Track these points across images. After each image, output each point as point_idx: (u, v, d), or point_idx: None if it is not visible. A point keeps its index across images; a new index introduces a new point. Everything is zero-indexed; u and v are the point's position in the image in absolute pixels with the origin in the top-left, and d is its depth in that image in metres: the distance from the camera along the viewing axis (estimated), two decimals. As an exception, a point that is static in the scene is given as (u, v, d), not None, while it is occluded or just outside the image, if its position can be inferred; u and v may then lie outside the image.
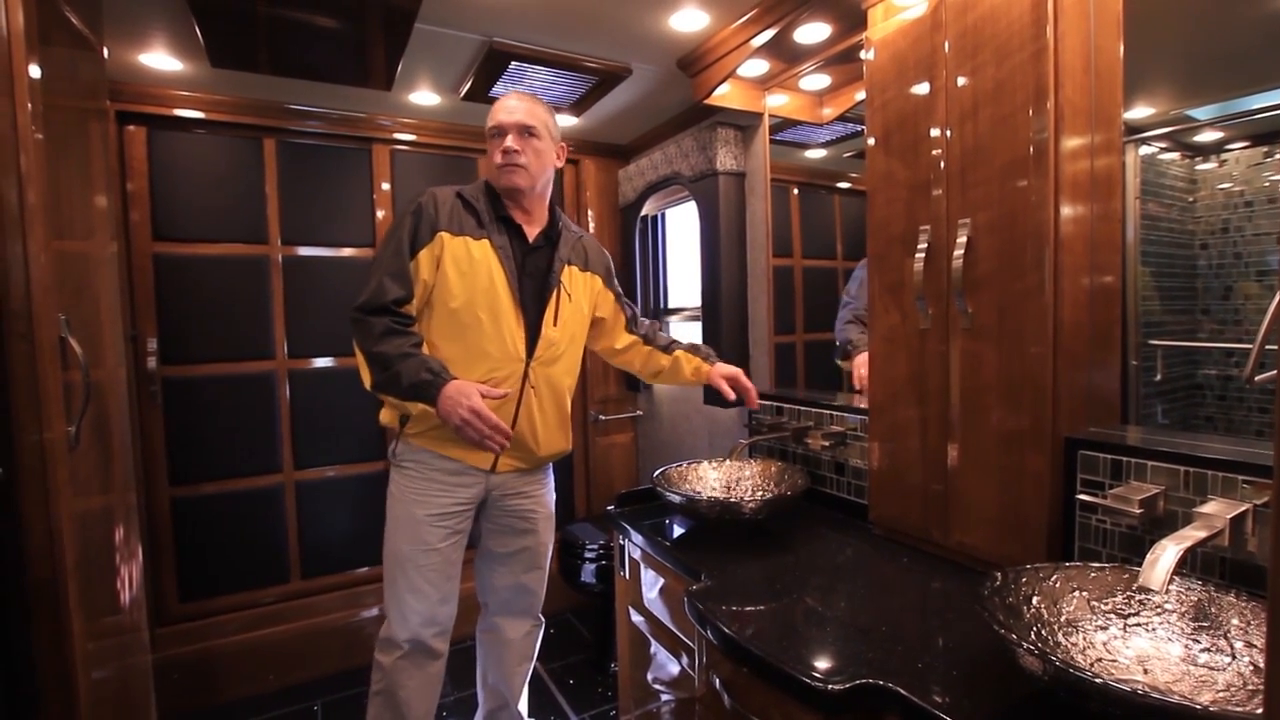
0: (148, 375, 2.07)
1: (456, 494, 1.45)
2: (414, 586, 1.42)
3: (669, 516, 1.56)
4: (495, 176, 1.44)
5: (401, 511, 1.44)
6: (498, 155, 1.42)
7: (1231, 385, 1.15)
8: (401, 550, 1.43)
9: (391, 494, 1.47)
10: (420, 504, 1.43)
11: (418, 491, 1.43)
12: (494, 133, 1.42)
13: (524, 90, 2.09)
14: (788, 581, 1.19)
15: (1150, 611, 0.89)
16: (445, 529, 1.45)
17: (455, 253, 1.37)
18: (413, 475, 1.44)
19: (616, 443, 2.78)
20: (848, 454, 1.57)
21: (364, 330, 1.33)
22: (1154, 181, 1.20)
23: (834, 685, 0.85)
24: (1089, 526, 1.08)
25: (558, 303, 1.47)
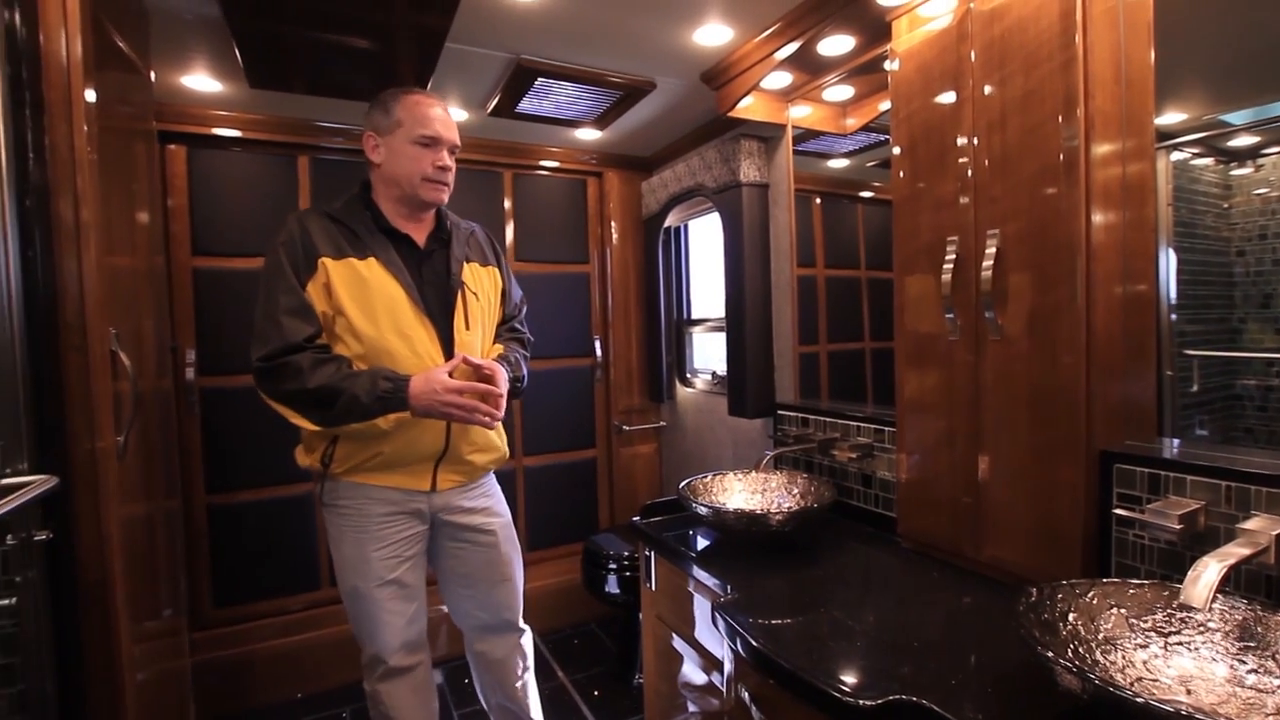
0: (186, 386, 2.13)
1: (400, 526, 1.38)
2: (378, 618, 1.37)
3: (694, 527, 1.56)
4: (415, 186, 1.33)
5: (348, 552, 1.36)
6: (429, 167, 1.32)
7: (1273, 396, 1.12)
8: (357, 588, 1.36)
9: (331, 536, 1.38)
10: (365, 542, 1.35)
11: (358, 529, 1.35)
12: (427, 141, 1.32)
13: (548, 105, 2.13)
14: (816, 595, 1.19)
15: (1192, 630, 0.87)
16: (396, 559, 1.38)
17: (343, 277, 1.27)
18: (349, 514, 1.35)
19: (640, 453, 2.78)
20: (875, 466, 1.55)
21: (284, 373, 1.21)
22: (1187, 188, 1.18)
23: (865, 700, 0.84)
24: (1126, 541, 1.06)
25: (465, 304, 1.40)
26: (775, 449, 1.69)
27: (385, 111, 1.32)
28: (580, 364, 2.73)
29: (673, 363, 2.72)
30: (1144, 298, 1.14)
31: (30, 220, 0.93)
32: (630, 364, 2.79)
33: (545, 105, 2.15)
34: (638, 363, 2.80)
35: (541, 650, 2.46)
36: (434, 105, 1.34)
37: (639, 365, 2.80)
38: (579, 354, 2.72)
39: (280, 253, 1.27)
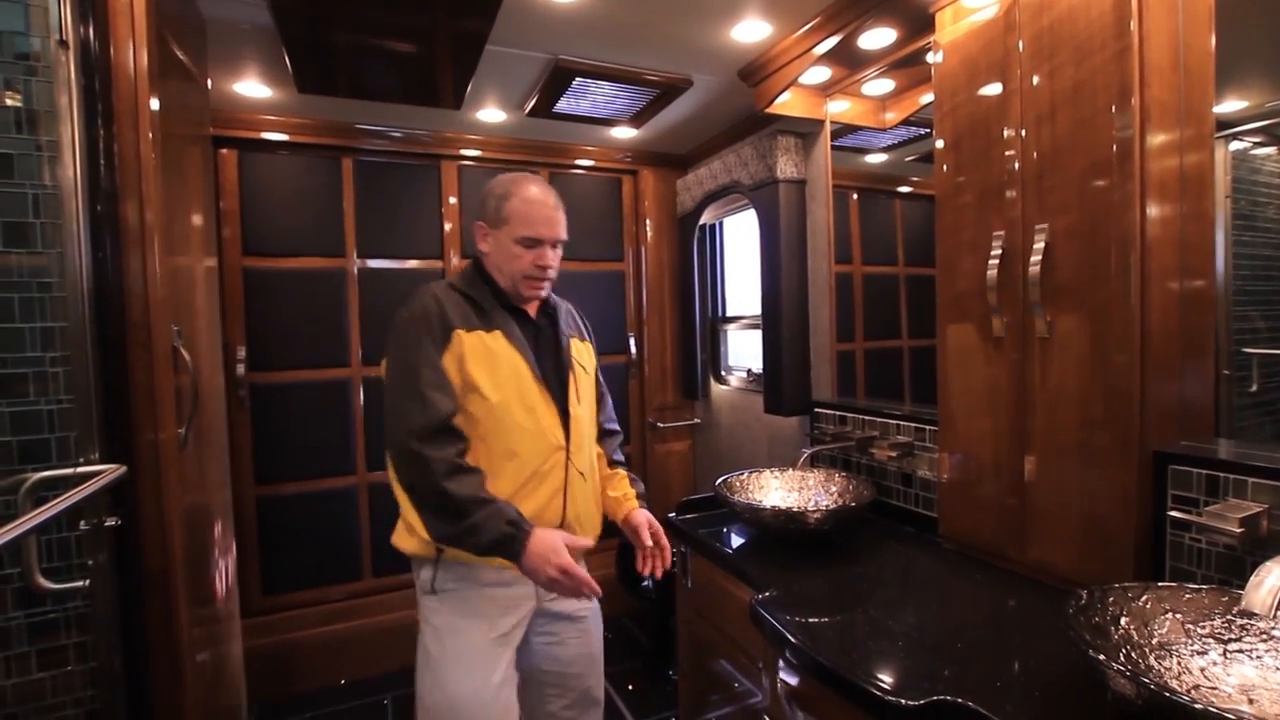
0: (236, 381, 2.22)
1: (516, 608, 1.26)
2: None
3: (730, 524, 1.56)
4: (516, 281, 1.28)
5: (457, 644, 1.19)
6: (529, 264, 1.27)
7: None
8: (460, 694, 1.18)
9: (435, 629, 1.21)
10: (480, 629, 1.21)
11: (472, 613, 1.21)
12: (530, 242, 1.26)
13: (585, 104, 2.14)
14: (855, 594, 1.18)
15: (1255, 637, 0.83)
16: (507, 660, 1.24)
17: (474, 349, 1.22)
18: (463, 597, 1.22)
19: (674, 450, 2.79)
20: (915, 465, 1.53)
21: (423, 466, 1.11)
22: (1247, 179, 1.14)
23: (908, 700, 0.83)
24: (1182, 545, 1.02)
25: (575, 379, 1.35)
26: (813, 446, 1.68)
27: (495, 206, 1.28)
28: (615, 361, 2.75)
29: (707, 360, 2.72)
30: (1202, 294, 1.10)
31: (100, 223, 0.99)
32: (665, 361, 2.79)
33: (582, 105, 2.17)
34: (672, 360, 2.80)
35: (576, 645, 2.48)
36: (542, 205, 1.28)
37: (673, 362, 2.80)
38: (614, 351, 2.74)
39: (417, 326, 1.21)
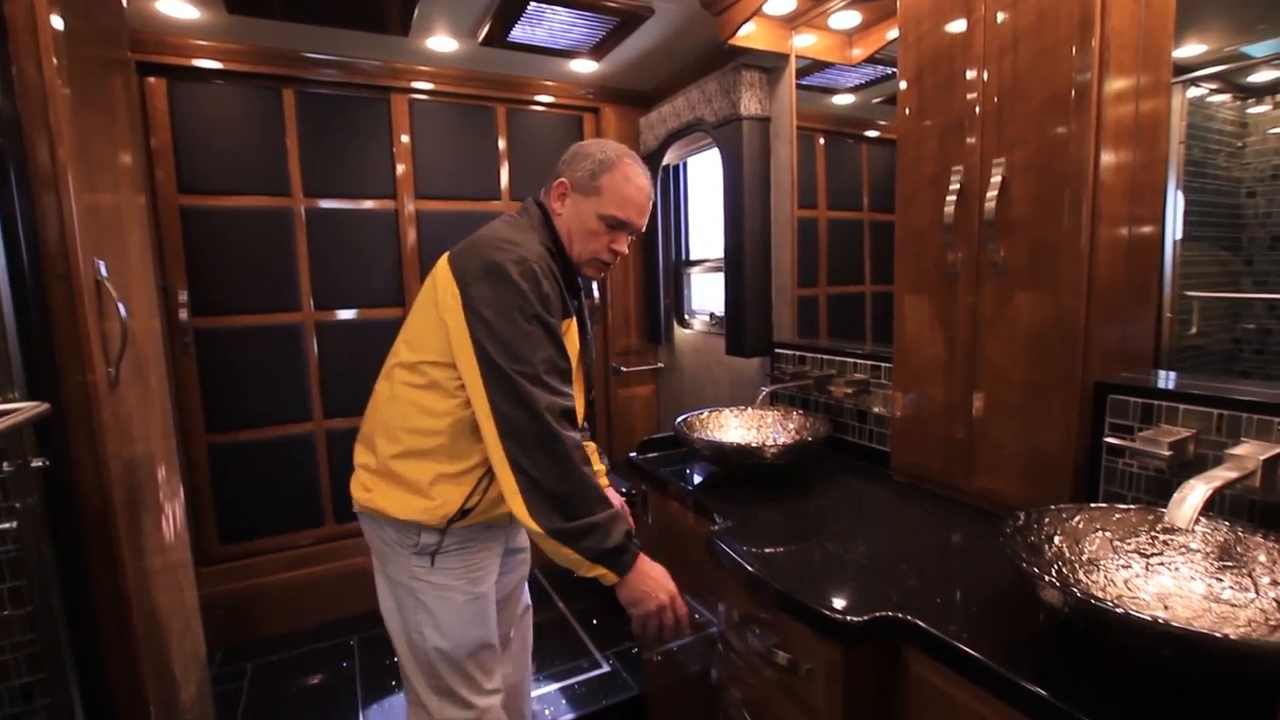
0: (180, 326, 2.12)
1: (499, 558, 1.26)
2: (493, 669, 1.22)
3: (691, 463, 1.58)
4: (582, 259, 1.18)
5: (456, 599, 1.16)
6: (604, 247, 1.17)
7: (1271, 339, 1.12)
8: (469, 643, 1.17)
9: (433, 585, 1.15)
10: (480, 584, 1.19)
11: (473, 568, 1.18)
12: (616, 224, 1.16)
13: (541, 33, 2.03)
14: (809, 525, 1.21)
15: (1174, 552, 0.88)
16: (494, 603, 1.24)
17: (568, 339, 1.14)
18: (462, 558, 1.17)
19: (637, 395, 2.80)
20: (870, 401, 1.56)
21: (561, 449, 1.01)
22: (1201, 125, 1.15)
23: (853, 618, 0.87)
24: (1115, 471, 1.07)
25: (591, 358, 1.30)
26: (772, 385, 1.70)
27: (591, 172, 1.15)
28: (577, 306, 2.72)
29: (671, 304, 2.70)
30: (1149, 241, 1.12)
31: (4, 158, 0.90)
32: (628, 305, 2.77)
33: (539, 33, 2.06)
34: (635, 304, 2.78)
35: (541, 583, 2.53)
36: (641, 190, 1.18)
37: (637, 306, 2.78)
38: (576, 296, 2.71)
39: (541, 296, 1.05)
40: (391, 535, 1.15)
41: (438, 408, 1.10)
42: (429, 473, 1.11)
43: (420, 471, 1.12)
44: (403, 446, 1.12)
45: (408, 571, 1.15)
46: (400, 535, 1.14)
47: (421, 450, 1.11)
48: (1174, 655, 0.66)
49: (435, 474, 1.11)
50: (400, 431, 1.12)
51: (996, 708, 0.76)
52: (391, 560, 1.17)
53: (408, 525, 1.13)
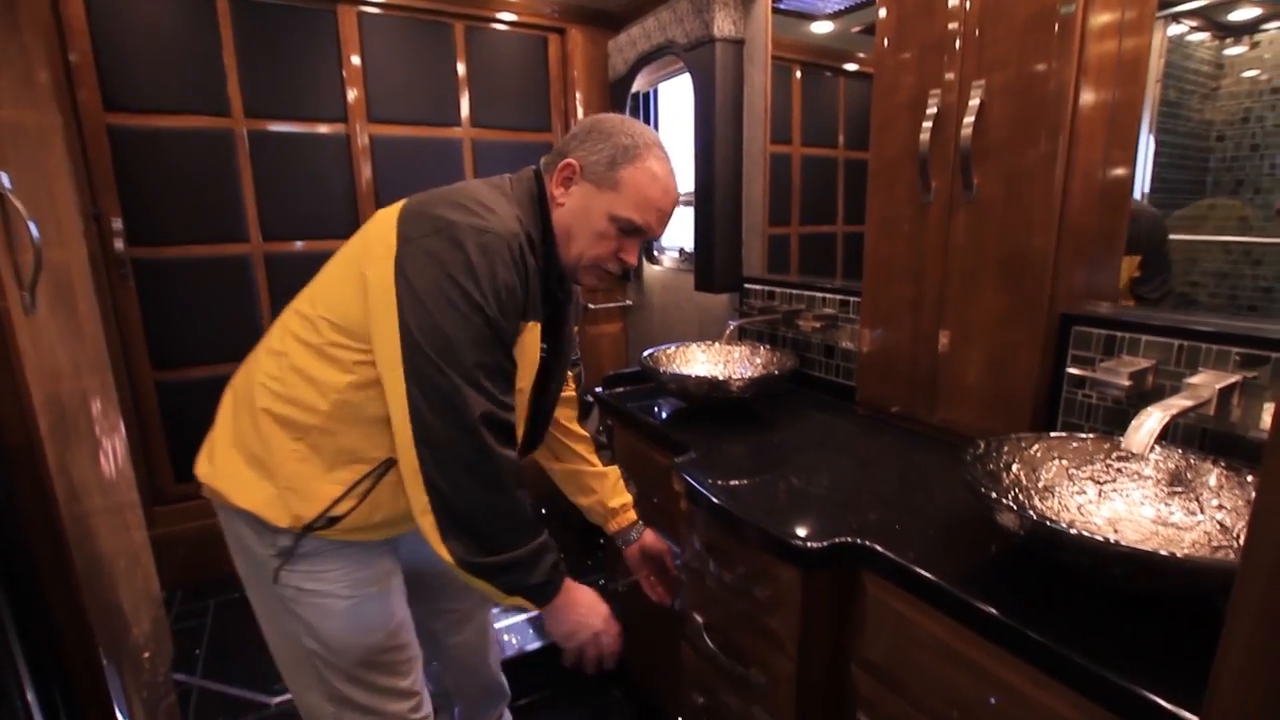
0: (116, 257, 1.99)
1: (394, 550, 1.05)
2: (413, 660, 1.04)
3: (657, 399, 1.56)
4: (577, 263, 0.97)
5: (336, 605, 0.94)
6: (611, 254, 0.96)
7: (1226, 282, 1.12)
8: (357, 648, 0.96)
9: (303, 591, 0.93)
10: (371, 578, 0.98)
11: (356, 570, 0.96)
12: (630, 229, 0.95)
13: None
14: (773, 457, 1.21)
15: (1127, 479, 0.90)
16: (398, 580, 1.04)
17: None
18: (339, 556, 0.94)
19: (605, 332, 2.76)
20: (838, 336, 1.55)
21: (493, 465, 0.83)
22: (1179, 65, 1.11)
23: (813, 544, 0.87)
24: (1075, 402, 1.08)
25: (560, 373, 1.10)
26: (740, 319, 1.67)
27: (610, 159, 0.94)
28: (543, 241, 2.63)
29: (639, 241, 2.63)
30: (1121, 186, 1.09)
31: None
32: (595, 242, 2.69)
33: None
34: (603, 241, 2.71)
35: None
36: (667, 193, 0.98)
37: (604, 244, 2.71)
38: (542, 231, 2.61)
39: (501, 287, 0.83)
40: (241, 528, 0.92)
41: (325, 379, 0.87)
42: (288, 451, 0.87)
43: (278, 444, 0.87)
44: (269, 407, 0.89)
45: (268, 573, 0.92)
46: (253, 531, 0.91)
47: (287, 420, 0.88)
48: (1123, 574, 0.67)
49: (298, 456, 0.87)
50: (272, 393, 0.90)
51: (950, 627, 0.77)
52: (244, 558, 0.95)
53: (256, 519, 0.89)
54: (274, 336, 0.96)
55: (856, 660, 0.92)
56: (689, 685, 1.23)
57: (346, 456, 0.89)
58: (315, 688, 0.98)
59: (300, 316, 0.92)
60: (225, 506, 0.92)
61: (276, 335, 0.95)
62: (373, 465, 0.90)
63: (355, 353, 0.87)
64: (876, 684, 0.89)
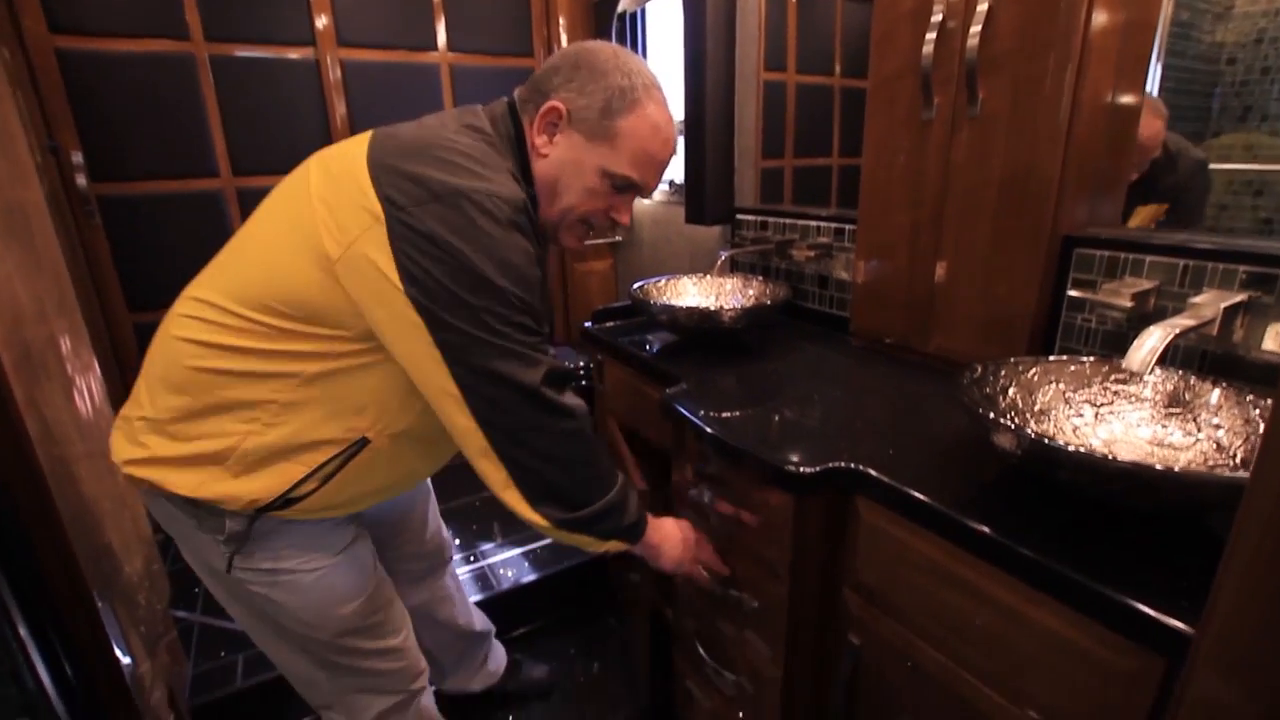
0: (79, 193, 1.90)
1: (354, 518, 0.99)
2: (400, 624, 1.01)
3: (648, 333, 1.53)
4: (560, 222, 0.89)
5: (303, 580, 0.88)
6: (602, 211, 0.89)
7: (1225, 214, 1.08)
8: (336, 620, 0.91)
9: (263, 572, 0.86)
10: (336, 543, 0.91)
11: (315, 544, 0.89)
12: (625, 185, 0.87)
13: None
14: (766, 388, 1.19)
15: (1124, 401, 0.89)
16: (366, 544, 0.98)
17: None
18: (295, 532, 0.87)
19: (594, 270, 2.70)
20: (832, 266, 1.51)
21: (572, 427, 0.81)
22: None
23: (806, 469, 0.86)
24: (1074, 326, 1.06)
25: None
26: (731, 249, 1.63)
27: (605, 105, 0.83)
28: (528, 175, 2.54)
29: (628, 173, 2.54)
30: (1128, 116, 1.03)
31: None
32: (583, 175, 2.60)
33: None
34: (591, 174, 2.61)
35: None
36: (669, 141, 0.89)
37: (592, 177, 2.62)
38: (527, 164, 2.52)
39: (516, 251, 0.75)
40: (182, 518, 0.83)
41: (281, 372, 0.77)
42: (238, 436, 0.78)
43: (225, 430, 0.78)
44: (200, 403, 0.78)
45: (221, 560, 0.84)
46: (195, 520, 0.82)
47: (232, 403, 0.78)
48: (1120, 491, 0.66)
49: (252, 442, 0.78)
50: (205, 376, 0.77)
51: (943, 548, 0.77)
52: (193, 545, 0.86)
53: (203, 506, 0.81)
54: (176, 328, 0.81)
55: (849, 584, 0.93)
56: (682, 611, 1.25)
57: (312, 438, 0.80)
58: (301, 658, 0.94)
59: (222, 311, 0.78)
60: (158, 494, 0.81)
61: (183, 326, 0.80)
62: (343, 446, 0.82)
63: (322, 341, 0.76)
64: (868, 606, 0.90)
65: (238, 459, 0.79)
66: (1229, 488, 0.61)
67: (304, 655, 0.94)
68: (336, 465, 0.82)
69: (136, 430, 0.81)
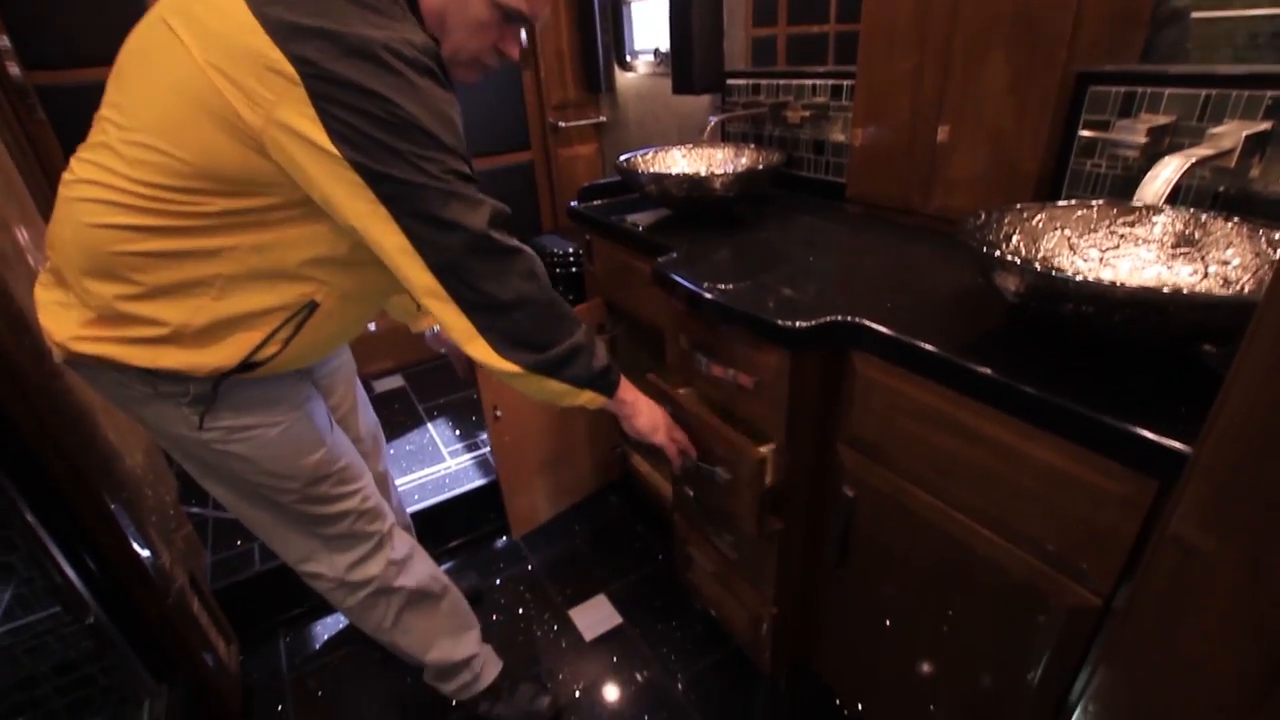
0: (15, 86, 1.75)
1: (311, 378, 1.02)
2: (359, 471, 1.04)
3: (637, 209, 1.47)
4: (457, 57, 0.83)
5: (267, 434, 0.89)
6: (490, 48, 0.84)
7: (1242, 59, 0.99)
8: (305, 470, 0.94)
9: (226, 430, 0.86)
10: (296, 402, 0.93)
11: (274, 401, 0.89)
12: (513, 18, 0.83)
13: None
14: (760, 257, 1.15)
15: (1131, 245, 0.85)
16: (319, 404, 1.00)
17: None
18: (256, 390, 0.87)
19: (580, 154, 2.57)
20: (829, 129, 1.43)
21: (523, 265, 0.79)
22: None
23: (802, 323, 0.84)
24: (1082, 173, 1.01)
25: None
26: (722, 114, 1.53)
27: None
28: (503, 51, 2.35)
29: (610, 44, 2.36)
30: None
31: None
32: (562, 48, 2.41)
33: None
34: (570, 47, 2.42)
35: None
36: None
37: (572, 50, 2.43)
38: (500, 38, 2.33)
39: (438, 97, 0.72)
40: (140, 387, 0.81)
41: (215, 239, 0.74)
42: (189, 312, 0.76)
43: (174, 311, 0.76)
44: (141, 287, 0.74)
45: (182, 422, 0.84)
46: (157, 392, 0.81)
47: (176, 285, 0.75)
48: (1124, 320, 0.64)
49: (204, 316, 0.77)
50: (138, 260, 0.73)
51: (939, 393, 0.76)
52: (153, 416, 0.85)
53: (163, 375, 0.79)
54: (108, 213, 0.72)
55: (843, 439, 0.94)
56: (681, 479, 1.28)
57: (262, 306, 0.79)
58: (275, 515, 0.98)
59: (138, 194, 0.71)
60: (106, 368, 0.79)
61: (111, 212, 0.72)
62: (294, 311, 0.81)
63: (254, 213, 0.73)
64: (861, 458, 0.91)
65: (191, 336, 0.78)
66: (1237, 309, 0.59)
67: (277, 512, 0.98)
68: (292, 330, 0.82)
69: (72, 318, 0.77)
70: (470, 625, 1.25)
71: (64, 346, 0.77)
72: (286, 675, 1.43)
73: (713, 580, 1.30)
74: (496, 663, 1.29)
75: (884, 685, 1.03)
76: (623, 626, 1.49)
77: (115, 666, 1.15)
